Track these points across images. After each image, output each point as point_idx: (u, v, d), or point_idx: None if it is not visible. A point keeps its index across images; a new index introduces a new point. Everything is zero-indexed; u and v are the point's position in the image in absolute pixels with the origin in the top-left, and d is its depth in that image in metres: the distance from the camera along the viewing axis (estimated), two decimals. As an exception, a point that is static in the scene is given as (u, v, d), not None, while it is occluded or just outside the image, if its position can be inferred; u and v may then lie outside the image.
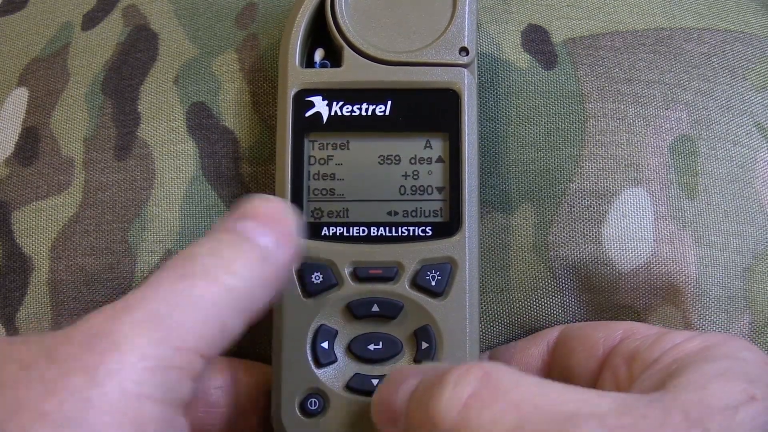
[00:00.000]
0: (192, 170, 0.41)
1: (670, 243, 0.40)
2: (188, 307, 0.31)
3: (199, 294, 0.31)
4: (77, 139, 0.42)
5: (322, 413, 0.37)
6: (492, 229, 0.40)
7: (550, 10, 0.43)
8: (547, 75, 0.42)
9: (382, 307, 0.37)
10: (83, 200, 0.41)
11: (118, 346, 0.29)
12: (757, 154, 0.41)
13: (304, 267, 0.38)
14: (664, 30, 0.43)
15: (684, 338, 0.33)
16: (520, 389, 0.30)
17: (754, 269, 0.40)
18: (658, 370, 0.32)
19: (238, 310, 0.32)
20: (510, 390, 0.30)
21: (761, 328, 0.40)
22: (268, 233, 0.33)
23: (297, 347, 0.37)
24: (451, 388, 0.30)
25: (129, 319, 0.30)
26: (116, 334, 0.29)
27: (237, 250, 0.32)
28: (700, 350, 0.32)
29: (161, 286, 0.31)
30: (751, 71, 0.42)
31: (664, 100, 0.41)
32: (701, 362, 0.31)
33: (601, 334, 0.36)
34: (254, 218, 0.33)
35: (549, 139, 0.41)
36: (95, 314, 0.30)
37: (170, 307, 0.30)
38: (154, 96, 0.42)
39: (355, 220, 0.38)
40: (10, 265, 0.41)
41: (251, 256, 0.32)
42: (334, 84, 0.39)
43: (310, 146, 0.39)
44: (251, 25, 0.43)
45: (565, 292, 0.40)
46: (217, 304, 0.31)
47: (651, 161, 0.40)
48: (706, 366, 0.30)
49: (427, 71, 0.38)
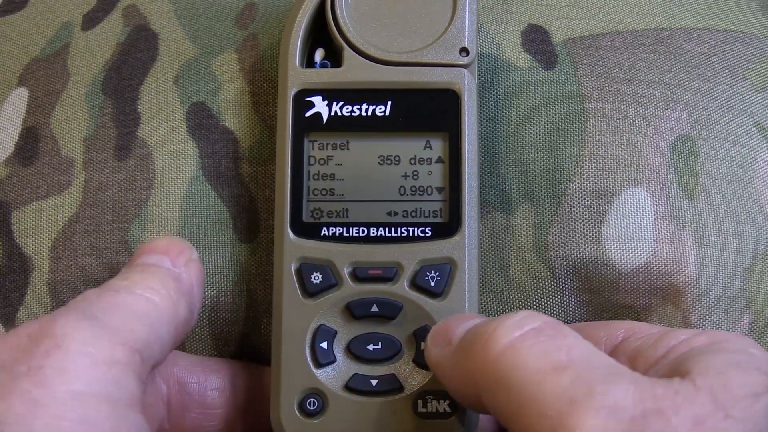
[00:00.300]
0: (192, 170, 0.41)
1: (670, 243, 0.40)
2: (119, 312, 0.33)
3: (126, 302, 0.33)
4: (77, 139, 0.42)
5: (321, 413, 0.37)
6: (492, 229, 0.40)
7: (550, 10, 0.43)
8: (547, 75, 0.41)
9: (381, 307, 0.37)
10: (83, 200, 0.41)
11: (60, 345, 0.30)
12: (757, 154, 0.41)
13: (304, 267, 0.38)
14: (664, 30, 0.43)
15: (690, 335, 0.33)
16: (579, 340, 0.31)
17: (754, 269, 0.40)
18: (665, 364, 0.32)
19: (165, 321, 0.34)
20: (569, 336, 0.31)
21: (761, 328, 0.40)
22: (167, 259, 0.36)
23: (296, 347, 0.37)
24: (519, 318, 0.32)
25: (67, 320, 0.31)
26: (57, 333, 0.30)
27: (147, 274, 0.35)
28: (709, 344, 0.32)
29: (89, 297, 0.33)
30: (751, 71, 0.42)
31: (664, 100, 0.41)
32: (714, 353, 0.31)
33: (603, 334, 0.36)
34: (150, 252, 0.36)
35: (549, 139, 0.41)
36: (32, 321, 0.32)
37: (103, 311, 0.32)
38: (154, 96, 0.42)
39: (354, 220, 0.38)
40: (10, 265, 0.41)
41: (161, 275, 0.35)
42: (334, 84, 0.39)
43: (310, 146, 0.39)
44: (251, 25, 0.43)
45: (565, 292, 0.40)
46: (143, 312, 0.33)
47: (651, 161, 0.40)
48: (721, 356, 0.31)
49: (428, 71, 0.38)
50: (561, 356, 0.30)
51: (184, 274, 0.36)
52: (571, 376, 0.29)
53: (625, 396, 0.28)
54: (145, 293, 0.34)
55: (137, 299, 0.34)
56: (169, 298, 0.34)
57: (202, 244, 0.40)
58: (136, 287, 0.34)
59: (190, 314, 0.36)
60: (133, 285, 0.34)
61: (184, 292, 0.36)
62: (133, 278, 0.35)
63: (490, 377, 0.31)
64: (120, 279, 0.35)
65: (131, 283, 0.34)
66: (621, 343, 0.36)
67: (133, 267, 0.36)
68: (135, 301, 0.34)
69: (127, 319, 0.32)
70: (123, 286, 0.34)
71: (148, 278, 0.35)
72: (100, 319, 0.32)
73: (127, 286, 0.34)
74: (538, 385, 0.29)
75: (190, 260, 0.37)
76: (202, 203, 0.41)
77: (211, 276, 0.40)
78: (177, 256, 0.37)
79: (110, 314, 0.32)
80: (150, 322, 0.33)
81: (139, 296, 0.34)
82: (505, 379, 0.30)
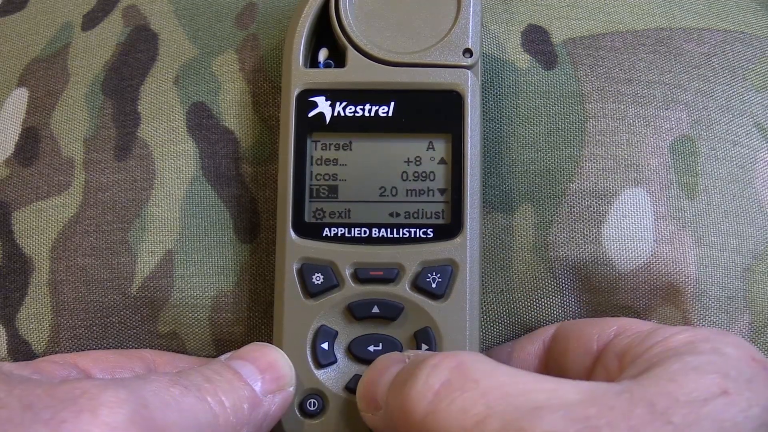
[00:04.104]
0: (192, 170, 0.41)
1: (670, 243, 0.40)
2: (172, 410, 0.31)
3: (187, 403, 0.32)
4: (77, 139, 0.42)
5: (322, 414, 0.37)
6: (492, 229, 0.40)
7: (550, 11, 0.43)
8: (547, 75, 0.41)
9: (382, 308, 0.37)
10: (83, 200, 0.41)
11: (93, 412, 0.30)
12: (757, 154, 0.41)
13: (305, 268, 0.38)
14: (664, 30, 0.43)
15: (673, 332, 0.33)
16: (491, 379, 0.30)
17: (754, 269, 0.40)
18: (641, 362, 0.32)
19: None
20: (480, 379, 0.30)
21: (761, 328, 0.40)
22: (261, 379, 0.35)
23: (297, 348, 0.37)
24: (425, 377, 0.31)
25: (115, 393, 0.30)
26: (100, 400, 0.30)
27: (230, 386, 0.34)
28: (685, 344, 0.32)
29: (156, 382, 0.32)
30: (751, 71, 0.42)
31: (664, 100, 0.41)
32: (681, 355, 0.31)
33: (596, 331, 0.36)
34: (249, 361, 0.35)
35: (549, 139, 0.41)
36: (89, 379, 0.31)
37: (158, 403, 0.31)
38: (154, 96, 0.42)
39: (356, 221, 0.38)
40: (11, 266, 0.41)
41: (242, 396, 0.34)
42: (338, 84, 0.39)
43: (313, 146, 0.39)
44: (251, 25, 0.43)
45: (566, 292, 0.40)
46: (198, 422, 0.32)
47: (651, 161, 0.40)
48: (684, 359, 0.31)
49: (431, 72, 0.38)
50: (478, 408, 0.29)
51: (266, 404, 0.35)
52: (495, 424, 0.29)
53: (555, 424, 0.28)
54: (214, 405, 0.33)
55: (202, 407, 0.32)
56: (233, 424, 0.33)
57: (202, 245, 0.40)
58: (209, 396, 0.33)
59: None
60: (209, 392, 0.33)
61: (254, 421, 0.34)
62: (214, 383, 0.33)
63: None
64: (202, 378, 0.34)
65: (210, 388, 0.33)
66: (613, 340, 0.36)
67: (224, 369, 0.35)
68: (198, 407, 0.32)
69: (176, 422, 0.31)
70: (197, 387, 0.33)
71: (226, 390, 0.34)
72: (148, 410, 0.31)
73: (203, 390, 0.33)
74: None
75: (281, 389, 0.36)
76: (202, 203, 0.41)
77: (211, 276, 0.40)
78: (272, 381, 0.35)
79: (162, 409, 0.31)
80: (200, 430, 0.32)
81: (205, 404, 0.33)
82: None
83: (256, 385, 0.35)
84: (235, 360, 0.36)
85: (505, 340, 0.41)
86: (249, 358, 0.36)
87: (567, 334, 0.38)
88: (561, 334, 0.38)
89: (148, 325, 0.40)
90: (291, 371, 0.36)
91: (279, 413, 0.36)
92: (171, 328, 0.40)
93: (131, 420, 0.30)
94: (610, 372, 0.34)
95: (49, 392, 0.30)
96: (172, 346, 0.40)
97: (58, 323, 0.40)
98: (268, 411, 0.35)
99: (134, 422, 0.30)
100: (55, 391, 0.30)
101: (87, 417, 0.29)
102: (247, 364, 0.35)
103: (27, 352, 0.40)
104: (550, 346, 0.39)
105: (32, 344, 0.40)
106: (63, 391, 0.30)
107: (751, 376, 0.31)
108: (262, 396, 0.35)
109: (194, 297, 0.40)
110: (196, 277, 0.40)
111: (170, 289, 0.40)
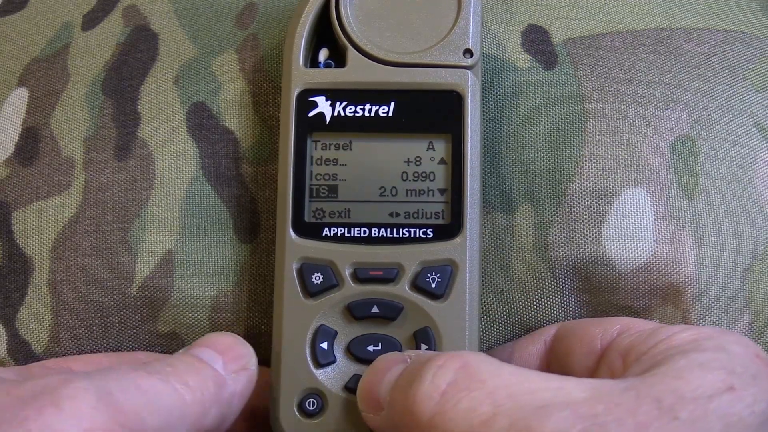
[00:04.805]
0: (192, 170, 0.41)
1: (670, 243, 0.40)
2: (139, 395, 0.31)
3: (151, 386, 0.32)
4: (77, 139, 0.42)
5: (321, 414, 0.37)
6: (492, 229, 0.40)
7: (550, 10, 0.43)
8: (547, 75, 0.41)
9: (382, 308, 0.37)
10: (83, 200, 0.41)
11: (59, 406, 0.29)
12: (757, 154, 0.41)
13: (305, 267, 0.38)
14: (664, 30, 0.43)
15: (677, 331, 0.33)
16: (497, 378, 0.30)
17: (754, 269, 0.40)
18: (645, 360, 0.32)
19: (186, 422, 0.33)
20: (487, 379, 0.30)
21: (761, 328, 0.40)
22: (221, 360, 0.35)
23: (296, 347, 0.37)
24: (431, 377, 0.31)
25: (77, 384, 0.30)
26: (62, 393, 0.30)
27: (192, 368, 0.34)
28: (689, 342, 0.32)
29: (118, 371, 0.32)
30: (751, 71, 0.42)
31: (664, 100, 0.41)
32: (687, 353, 0.31)
33: (599, 330, 0.36)
34: (207, 346, 0.35)
35: (549, 139, 0.41)
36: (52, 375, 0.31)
37: (123, 389, 0.31)
38: (154, 96, 0.42)
39: (356, 220, 0.38)
40: (11, 266, 0.41)
41: (205, 376, 0.34)
42: (338, 84, 0.39)
43: (313, 146, 0.39)
44: (251, 25, 0.43)
45: (566, 292, 0.40)
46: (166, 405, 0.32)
47: (651, 161, 0.40)
48: (690, 356, 0.31)
49: (431, 72, 0.38)
50: (485, 408, 0.30)
51: (230, 382, 0.35)
52: (503, 423, 0.29)
53: (563, 422, 0.28)
54: (179, 387, 0.33)
55: (167, 390, 0.32)
56: (201, 402, 0.33)
57: (202, 245, 0.40)
58: (173, 378, 0.33)
59: (220, 422, 0.35)
60: (171, 375, 0.33)
61: (221, 400, 0.34)
62: (176, 367, 0.34)
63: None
64: (164, 363, 0.34)
65: (172, 371, 0.33)
66: (616, 339, 0.36)
67: (185, 356, 0.35)
68: (164, 390, 0.32)
69: (142, 405, 0.31)
70: (160, 372, 0.33)
71: (189, 373, 0.34)
72: (112, 396, 0.30)
73: (165, 374, 0.33)
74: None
75: (244, 368, 0.36)
76: (202, 203, 0.41)
77: (211, 276, 0.40)
78: (232, 361, 0.35)
79: (128, 395, 0.31)
80: (168, 416, 0.32)
81: (169, 386, 0.32)
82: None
83: (217, 365, 0.35)
84: (194, 348, 0.36)
85: (505, 340, 0.41)
86: (205, 344, 0.36)
87: (569, 334, 0.38)
88: (563, 333, 0.38)
89: (148, 325, 0.40)
90: (249, 350, 0.36)
91: (246, 392, 0.36)
92: (171, 328, 0.40)
93: (96, 408, 0.30)
94: (613, 371, 0.34)
95: (12, 391, 0.30)
96: (172, 346, 0.40)
97: (58, 323, 0.40)
98: (234, 390, 0.35)
99: (99, 410, 0.30)
100: (17, 390, 0.30)
101: (51, 411, 0.29)
102: (206, 349, 0.35)
103: (27, 352, 0.40)
104: (551, 346, 0.39)
105: (32, 344, 0.40)
106: (25, 389, 0.30)
107: (756, 372, 0.31)
108: (226, 375, 0.35)
109: (194, 297, 0.40)
110: (196, 277, 0.40)
111: (170, 289, 0.40)
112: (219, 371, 0.35)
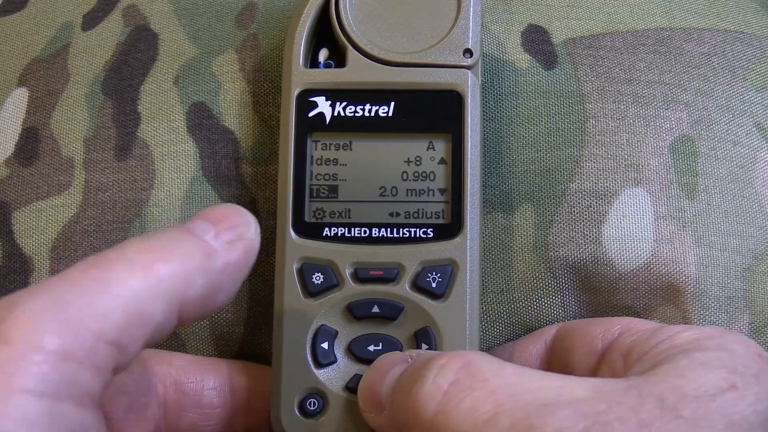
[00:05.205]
0: (192, 170, 0.41)
1: (670, 243, 0.40)
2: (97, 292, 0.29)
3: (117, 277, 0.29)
4: (77, 139, 0.42)
5: (322, 414, 0.37)
6: (492, 229, 0.40)
7: (550, 10, 0.43)
8: (547, 75, 0.41)
9: (382, 308, 0.37)
10: (83, 200, 0.41)
11: (6, 339, 0.27)
12: (757, 154, 0.41)
13: (305, 267, 0.38)
14: (664, 30, 0.43)
15: (679, 330, 0.33)
16: (499, 377, 0.30)
17: (754, 269, 0.40)
18: (647, 359, 0.32)
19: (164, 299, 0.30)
20: (489, 378, 0.30)
21: (761, 328, 0.40)
22: (214, 230, 0.32)
23: (297, 347, 0.37)
24: (433, 377, 0.31)
25: (26, 307, 0.28)
26: (8, 324, 0.27)
27: (178, 241, 0.31)
28: (691, 341, 0.32)
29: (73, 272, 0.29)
30: (751, 71, 0.42)
31: (664, 100, 0.41)
32: (689, 352, 0.31)
33: (600, 330, 0.36)
34: (201, 217, 0.32)
35: (549, 139, 0.41)
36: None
37: (78, 293, 0.28)
38: (154, 96, 0.42)
39: (356, 220, 0.38)
40: (11, 266, 0.41)
41: (192, 248, 0.31)
42: (338, 84, 0.39)
43: (313, 146, 0.39)
44: (251, 25, 0.43)
45: (566, 292, 0.40)
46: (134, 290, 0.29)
47: (651, 161, 0.40)
48: (692, 355, 0.31)
49: (431, 72, 0.38)
50: (488, 407, 0.29)
51: (222, 252, 0.32)
52: (506, 422, 0.29)
53: (565, 420, 0.28)
54: (154, 262, 0.30)
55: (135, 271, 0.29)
56: (181, 274, 0.30)
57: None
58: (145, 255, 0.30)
59: (212, 292, 0.32)
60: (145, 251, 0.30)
61: (210, 269, 0.31)
62: (153, 241, 0.31)
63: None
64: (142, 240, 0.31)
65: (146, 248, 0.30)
66: (617, 339, 0.36)
67: (173, 228, 0.32)
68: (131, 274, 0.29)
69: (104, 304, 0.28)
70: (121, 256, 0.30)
71: (168, 246, 0.31)
72: (68, 304, 0.28)
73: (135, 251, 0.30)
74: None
75: (240, 238, 0.33)
76: (202, 203, 0.41)
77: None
78: (225, 230, 0.32)
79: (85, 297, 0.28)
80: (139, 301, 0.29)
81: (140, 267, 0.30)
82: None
83: (208, 236, 0.32)
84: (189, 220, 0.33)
85: (505, 340, 0.41)
86: (201, 215, 0.33)
87: (570, 334, 0.38)
88: (563, 333, 0.38)
89: (148, 325, 0.40)
90: (246, 219, 0.33)
91: (243, 262, 0.33)
92: (171, 328, 0.40)
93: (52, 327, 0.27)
94: (615, 371, 0.34)
95: None
96: (172, 346, 0.40)
97: (58, 323, 0.40)
98: (228, 260, 0.32)
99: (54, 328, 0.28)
100: None
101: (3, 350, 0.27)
102: (198, 220, 0.32)
103: (27, 352, 0.40)
104: (552, 345, 0.39)
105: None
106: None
107: (758, 371, 0.31)
108: (218, 245, 0.32)
109: (194, 297, 0.40)
110: (196, 277, 0.40)
111: (170, 288, 0.40)
112: (208, 241, 0.32)
